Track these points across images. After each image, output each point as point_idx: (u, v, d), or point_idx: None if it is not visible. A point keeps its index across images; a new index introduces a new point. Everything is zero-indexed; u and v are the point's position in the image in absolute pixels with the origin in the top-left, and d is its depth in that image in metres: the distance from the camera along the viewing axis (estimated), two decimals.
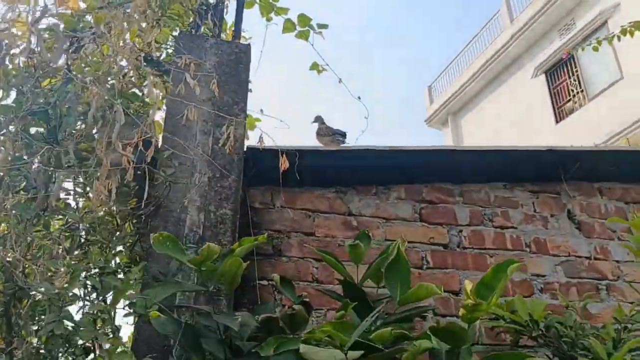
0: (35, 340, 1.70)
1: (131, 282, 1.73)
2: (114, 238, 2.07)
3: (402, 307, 1.73)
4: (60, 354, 1.66)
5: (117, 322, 1.78)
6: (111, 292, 1.79)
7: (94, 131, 1.77)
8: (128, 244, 2.38)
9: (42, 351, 1.70)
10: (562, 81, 14.31)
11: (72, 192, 1.93)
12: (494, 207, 2.98)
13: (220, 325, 1.79)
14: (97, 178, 1.67)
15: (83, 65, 1.84)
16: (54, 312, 1.43)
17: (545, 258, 2.90)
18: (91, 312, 1.50)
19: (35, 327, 1.67)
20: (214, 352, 1.74)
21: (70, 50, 1.81)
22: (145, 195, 1.82)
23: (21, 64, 1.73)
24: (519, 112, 15.33)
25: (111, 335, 1.56)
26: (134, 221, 2.44)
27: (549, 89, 14.61)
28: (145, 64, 2.44)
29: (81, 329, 1.45)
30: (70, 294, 1.50)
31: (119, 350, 1.53)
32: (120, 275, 1.83)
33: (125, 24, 2.14)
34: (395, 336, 1.48)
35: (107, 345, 1.49)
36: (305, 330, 1.79)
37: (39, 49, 1.71)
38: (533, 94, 14.96)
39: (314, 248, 1.99)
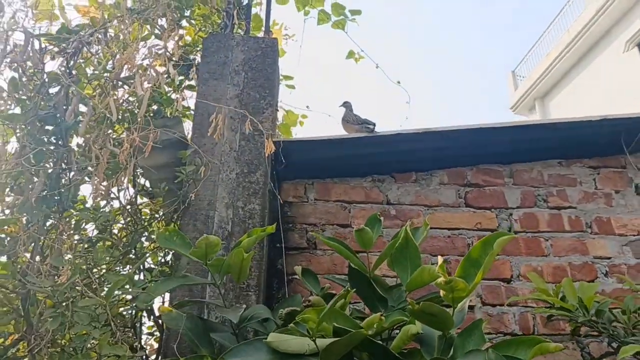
0: (56, 338, 1.75)
1: (143, 278, 1.74)
2: (141, 237, 2.10)
3: (415, 293, 1.61)
4: (79, 351, 1.70)
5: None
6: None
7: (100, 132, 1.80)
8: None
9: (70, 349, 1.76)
10: None
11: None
12: (549, 187, 2.74)
13: (232, 319, 1.76)
14: (95, 175, 1.70)
15: (89, 68, 1.90)
16: (52, 308, 1.48)
17: (609, 238, 2.63)
18: (86, 305, 1.53)
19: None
20: (227, 344, 1.72)
21: (67, 54, 1.87)
22: (133, 188, 1.80)
23: (22, 71, 1.81)
24: (613, 90, 14.22)
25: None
26: (178, 222, 2.50)
27: None
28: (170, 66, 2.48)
29: (75, 321, 1.47)
30: (70, 289, 1.54)
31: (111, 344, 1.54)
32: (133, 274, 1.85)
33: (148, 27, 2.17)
34: (393, 323, 1.38)
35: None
36: None
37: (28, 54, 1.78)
38: (627, 70, 13.84)
39: (320, 235, 1.90)
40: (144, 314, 2.36)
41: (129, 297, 2.14)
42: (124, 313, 2.25)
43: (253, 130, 2.56)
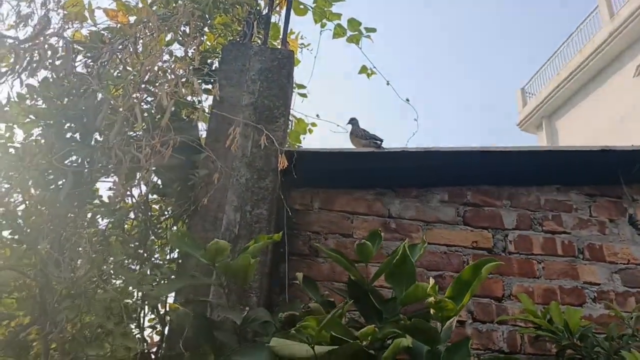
0: (69, 327, 1.86)
1: (154, 275, 1.85)
2: (152, 235, 2.21)
3: (409, 307, 1.72)
4: (91, 340, 1.81)
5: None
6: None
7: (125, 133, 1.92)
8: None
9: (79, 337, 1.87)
10: None
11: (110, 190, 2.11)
12: (545, 211, 2.84)
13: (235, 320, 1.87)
14: (117, 177, 1.81)
15: (115, 72, 2.01)
16: (69, 298, 1.59)
17: (600, 265, 2.73)
18: (104, 299, 1.64)
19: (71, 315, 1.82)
20: (228, 343, 1.82)
21: (97, 60, 1.98)
22: (147, 190, 1.92)
23: (54, 76, 1.93)
24: (620, 114, 14.32)
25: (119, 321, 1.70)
26: (187, 221, 2.61)
27: None
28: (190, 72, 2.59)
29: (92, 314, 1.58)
30: (88, 282, 1.66)
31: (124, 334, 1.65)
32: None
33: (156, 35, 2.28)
34: (386, 335, 1.48)
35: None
36: None
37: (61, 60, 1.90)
38: (635, 94, 13.91)
39: (321, 246, 2.01)
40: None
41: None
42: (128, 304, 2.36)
43: (265, 138, 2.67)
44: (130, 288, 1.70)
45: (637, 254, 2.77)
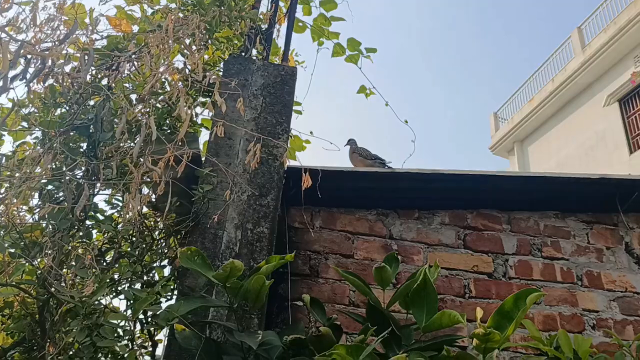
0: (68, 346, 1.75)
1: (158, 295, 1.77)
2: (149, 251, 2.12)
3: (427, 334, 1.67)
4: None
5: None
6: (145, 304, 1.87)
7: (123, 145, 1.85)
8: (170, 258, 2.44)
9: (76, 358, 1.77)
10: (637, 110, 13.63)
11: (111, 204, 2.01)
12: (544, 237, 2.84)
13: (244, 343, 1.79)
14: (128, 192, 1.73)
15: (125, 84, 1.94)
16: (77, 320, 1.49)
17: (598, 292, 2.74)
18: (114, 321, 1.55)
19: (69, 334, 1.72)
20: None
21: (111, 69, 1.91)
22: (167, 208, 1.84)
23: (65, 83, 1.84)
24: (589, 142, 14.72)
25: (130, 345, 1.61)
26: (178, 236, 2.51)
27: (623, 118, 13.94)
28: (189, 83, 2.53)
29: (102, 337, 1.49)
30: (96, 302, 1.56)
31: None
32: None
33: (172, 44, 2.22)
34: None
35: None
36: None
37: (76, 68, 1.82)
38: (605, 123, 14.33)
39: (337, 268, 1.96)
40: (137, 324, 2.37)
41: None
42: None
43: (267, 154, 2.61)
44: (136, 308, 1.60)
45: (634, 282, 2.78)
